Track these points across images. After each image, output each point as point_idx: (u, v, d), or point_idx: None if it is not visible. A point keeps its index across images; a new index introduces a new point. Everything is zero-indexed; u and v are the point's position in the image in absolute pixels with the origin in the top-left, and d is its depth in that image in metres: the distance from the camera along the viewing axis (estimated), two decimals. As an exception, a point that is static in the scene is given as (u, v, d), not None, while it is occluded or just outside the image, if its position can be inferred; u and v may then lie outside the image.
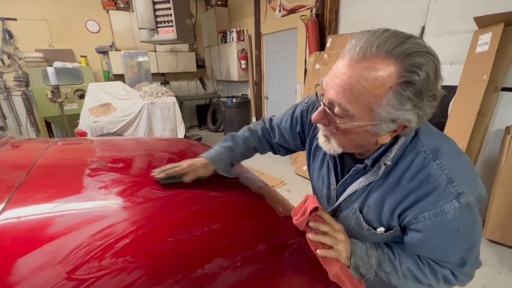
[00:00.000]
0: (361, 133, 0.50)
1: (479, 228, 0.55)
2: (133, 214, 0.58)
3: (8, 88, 4.30)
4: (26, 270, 0.42)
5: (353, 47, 0.44)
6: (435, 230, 0.52)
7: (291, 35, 4.16)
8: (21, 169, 0.73)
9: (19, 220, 0.54)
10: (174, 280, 0.45)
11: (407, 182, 0.53)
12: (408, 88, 0.42)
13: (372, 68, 0.42)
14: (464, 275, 0.59)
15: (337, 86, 0.46)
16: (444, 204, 0.49)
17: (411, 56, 0.41)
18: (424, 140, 0.54)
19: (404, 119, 0.45)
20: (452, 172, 0.49)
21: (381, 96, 0.43)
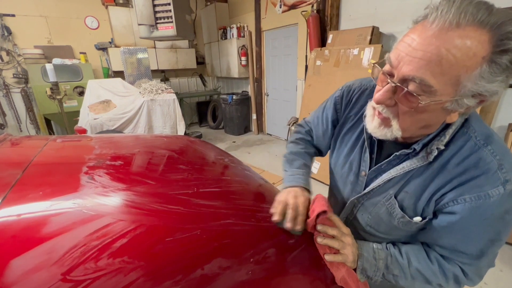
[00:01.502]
0: (436, 111, 0.46)
1: (510, 224, 0.51)
2: (131, 213, 0.57)
3: (7, 85, 4.28)
4: (20, 272, 0.41)
5: (441, 15, 0.40)
6: (471, 214, 0.50)
7: (292, 31, 4.12)
8: (17, 167, 0.72)
9: (13, 219, 0.52)
10: (173, 281, 0.44)
11: (454, 166, 0.51)
12: (504, 56, 0.39)
13: (466, 37, 0.39)
14: (476, 273, 0.56)
15: (419, 59, 0.42)
16: (490, 189, 0.48)
17: (504, 25, 0.39)
18: (476, 126, 0.52)
19: (491, 92, 0.42)
20: (503, 159, 0.48)
21: (473, 68, 0.40)
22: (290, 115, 4.32)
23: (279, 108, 4.85)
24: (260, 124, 5.33)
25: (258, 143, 4.83)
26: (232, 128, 5.35)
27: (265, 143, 4.81)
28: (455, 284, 0.57)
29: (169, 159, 0.91)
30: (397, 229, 0.63)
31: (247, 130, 5.53)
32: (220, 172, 0.91)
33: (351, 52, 2.93)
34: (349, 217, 0.74)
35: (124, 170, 0.77)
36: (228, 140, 5.03)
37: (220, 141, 4.98)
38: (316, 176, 3.17)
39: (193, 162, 0.92)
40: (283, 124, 4.61)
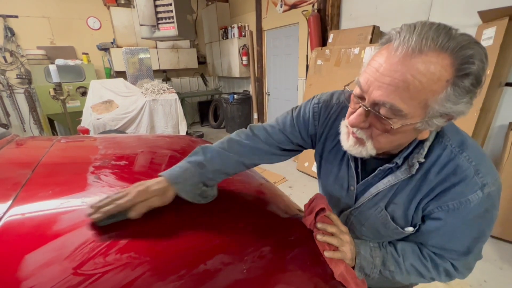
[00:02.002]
0: (408, 132, 0.49)
1: (492, 220, 0.55)
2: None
3: (11, 85, 4.32)
4: (34, 266, 0.43)
5: (404, 41, 0.42)
6: (455, 218, 0.54)
7: (292, 31, 4.12)
8: (26, 167, 0.74)
9: (26, 216, 0.55)
10: (177, 275, 0.46)
11: (434, 175, 0.54)
12: (466, 80, 0.41)
13: (429, 62, 0.41)
14: (465, 266, 0.61)
15: (387, 85, 0.44)
16: (470, 194, 0.51)
17: (464, 49, 0.40)
18: (450, 134, 0.55)
19: (458, 112, 0.45)
20: (478, 164, 0.51)
21: (439, 91, 0.42)
22: (291, 114, 4.34)
23: (280, 108, 4.87)
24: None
25: (260, 142, 4.84)
26: (234, 128, 5.37)
27: (266, 142, 4.82)
28: (447, 277, 0.62)
29: (171, 159, 0.93)
30: (391, 237, 0.67)
31: (249, 130, 5.55)
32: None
33: (351, 51, 2.94)
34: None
35: (129, 169, 0.79)
36: (229, 140, 5.05)
37: (221, 141, 5.01)
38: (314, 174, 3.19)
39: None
40: (284, 123, 4.62)
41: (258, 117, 5.27)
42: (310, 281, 0.62)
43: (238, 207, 0.72)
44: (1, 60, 4.19)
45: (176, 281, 0.46)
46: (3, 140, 0.96)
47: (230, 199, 0.73)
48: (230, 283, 0.50)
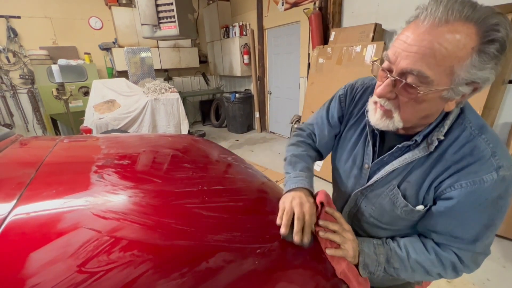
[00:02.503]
0: (434, 100, 0.50)
1: (503, 209, 0.54)
2: (138, 210, 0.60)
3: (14, 86, 4.36)
4: (39, 264, 0.44)
5: (430, 13, 0.45)
6: (467, 198, 0.53)
7: (294, 29, 4.11)
8: (30, 167, 0.75)
9: (30, 215, 0.56)
10: (179, 273, 0.47)
11: (451, 155, 0.55)
12: (492, 46, 0.43)
13: (455, 31, 0.43)
14: (472, 260, 0.58)
15: (415, 53, 0.46)
16: (484, 174, 0.51)
17: (488, 18, 0.43)
18: (471, 117, 0.56)
19: (483, 79, 0.46)
20: (496, 147, 0.52)
21: (465, 58, 0.44)
22: (293, 113, 4.34)
23: (282, 106, 4.86)
24: (263, 122, 5.35)
25: (261, 141, 4.85)
26: (235, 127, 5.38)
27: (268, 141, 4.83)
28: (453, 272, 0.59)
29: (173, 158, 0.94)
30: (400, 219, 0.65)
31: (250, 128, 5.56)
32: (223, 170, 0.93)
33: (353, 49, 2.93)
34: (352, 210, 0.75)
35: (131, 169, 0.80)
36: (231, 139, 5.07)
37: (223, 140, 5.02)
38: (318, 174, 3.19)
39: (197, 161, 0.95)
40: (286, 122, 4.62)
41: (259, 116, 5.27)
42: (311, 279, 0.63)
43: (240, 205, 0.72)
44: (4, 60, 4.22)
45: (178, 279, 0.47)
46: (7, 140, 0.97)
47: (232, 198, 0.74)
48: (232, 281, 0.51)
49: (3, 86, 4.29)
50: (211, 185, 0.75)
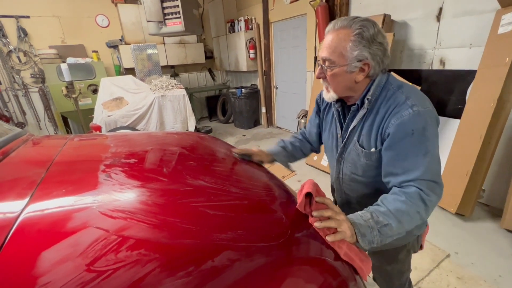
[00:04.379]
0: (342, 74, 0.77)
1: (432, 138, 0.72)
2: (146, 208, 0.60)
3: (26, 85, 4.46)
4: (50, 262, 0.45)
5: (330, 26, 0.78)
6: (397, 130, 0.73)
7: (300, 22, 4.04)
8: (41, 166, 0.77)
9: (41, 214, 0.57)
10: (185, 272, 0.48)
11: (382, 108, 0.78)
12: (358, 36, 0.72)
13: (340, 33, 0.75)
14: (429, 188, 0.71)
15: (325, 47, 0.78)
16: (403, 111, 0.72)
17: (357, 23, 0.73)
18: (392, 81, 0.80)
19: (362, 56, 0.74)
20: (409, 95, 0.75)
21: (346, 46, 0.74)
22: (300, 107, 4.30)
23: (288, 101, 4.83)
24: (270, 117, 5.33)
25: (268, 136, 4.84)
26: (242, 122, 5.38)
27: (274, 136, 4.81)
28: (423, 204, 0.71)
29: (179, 156, 0.95)
30: (366, 166, 0.84)
31: (257, 124, 5.55)
32: (229, 168, 0.93)
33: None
34: (339, 175, 0.96)
35: (138, 167, 0.81)
36: (238, 134, 5.07)
37: (230, 135, 5.03)
38: (325, 169, 3.17)
39: (203, 159, 0.96)
40: (292, 117, 4.59)
41: (266, 111, 5.24)
42: (318, 276, 0.63)
43: (245, 204, 0.72)
44: (15, 60, 4.32)
45: (185, 277, 0.47)
46: (19, 139, 0.99)
47: (238, 196, 0.74)
48: (237, 279, 0.51)
49: (15, 85, 4.40)
50: (217, 183, 0.76)
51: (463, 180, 2.15)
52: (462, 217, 2.22)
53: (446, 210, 2.30)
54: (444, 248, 1.91)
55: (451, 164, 2.28)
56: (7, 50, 4.24)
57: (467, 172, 2.12)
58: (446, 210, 2.30)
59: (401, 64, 2.86)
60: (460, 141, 2.22)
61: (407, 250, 0.97)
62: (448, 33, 2.45)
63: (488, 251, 1.86)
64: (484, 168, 2.11)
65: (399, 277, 1.04)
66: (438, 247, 1.92)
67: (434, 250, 1.90)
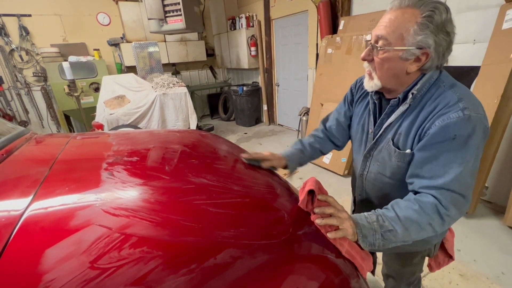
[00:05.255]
0: (395, 60, 0.68)
1: (475, 149, 0.64)
2: (148, 206, 0.61)
3: (28, 83, 4.48)
4: (54, 260, 0.46)
5: (393, 4, 0.68)
6: (438, 132, 0.65)
7: (302, 19, 4.02)
8: (44, 164, 0.78)
9: (45, 212, 0.58)
10: (188, 269, 0.48)
11: (428, 106, 0.69)
12: (427, 19, 0.63)
13: (405, 12, 0.65)
14: (451, 201, 0.65)
15: (382, 26, 0.69)
16: (451, 113, 0.64)
17: (429, 4, 0.63)
18: (444, 78, 0.71)
19: (425, 43, 0.64)
20: (463, 96, 0.66)
21: (410, 28, 0.64)
22: (302, 105, 4.28)
23: (290, 98, 4.81)
24: (271, 115, 5.32)
25: (270, 134, 4.84)
26: (243, 120, 5.37)
27: (276, 134, 4.81)
28: (438, 216, 0.65)
29: (181, 154, 0.95)
30: (397, 167, 0.77)
31: (258, 121, 5.54)
32: (230, 166, 0.93)
33: (364, 38, 2.84)
34: (364, 172, 0.90)
35: (140, 165, 0.81)
36: (239, 132, 5.07)
37: (231, 133, 5.03)
38: (327, 166, 3.16)
39: (205, 157, 0.96)
40: (294, 114, 4.57)
41: (267, 108, 5.23)
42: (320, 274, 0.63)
43: (247, 201, 0.72)
44: (18, 59, 4.33)
45: (187, 275, 0.48)
46: (22, 138, 1.00)
47: (240, 194, 0.74)
48: (239, 277, 0.52)
49: (18, 84, 4.42)
50: (219, 181, 0.76)
51: (466, 177, 2.13)
52: (465, 214, 2.22)
53: (448, 208, 2.29)
54: (447, 245, 1.90)
55: (454, 161, 2.26)
56: (9, 49, 4.25)
57: (470, 169, 2.11)
58: (448, 208, 2.29)
59: (403, 61, 2.84)
60: (463, 138, 2.20)
61: (422, 256, 0.95)
62: (451, 29, 2.42)
63: (490, 248, 1.86)
64: (487, 165, 2.10)
65: (410, 276, 1.05)
66: (441, 244, 1.92)
67: (436, 247, 1.89)
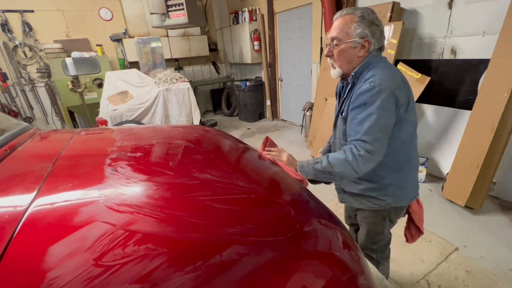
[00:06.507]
0: (347, 50, 0.95)
1: (381, 110, 0.88)
2: (153, 203, 0.60)
3: (32, 79, 4.50)
4: (58, 257, 0.45)
5: (337, 13, 0.97)
6: (355, 100, 0.93)
7: (305, 12, 3.95)
8: (48, 160, 0.77)
9: (49, 208, 0.57)
10: (193, 266, 0.47)
11: (359, 82, 0.95)
12: (361, 18, 0.92)
13: (346, 17, 0.94)
14: (362, 146, 0.90)
15: (333, 29, 0.97)
16: (364, 86, 0.91)
17: (359, 10, 0.93)
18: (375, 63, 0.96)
19: (364, 34, 0.92)
20: (376, 73, 0.91)
21: (350, 26, 0.93)
22: (305, 100, 4.24)
23: (293, 93, 4.77)
24: (275, 110, 5.28)
25: (273, 129, 4.81)
26: (247, 115, 5.35)
27: (279, 129, 4.79)
28: (352, 155, 0.91)
29: (185, 150, 0.94)
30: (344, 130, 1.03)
31: (262, 117, 5.51)
32: (235, 161, 0.92)
33: (369, 31, 2.78)
34: (334, 139, 1.17)
35: (144, 161, 0.80)
36: (242, 127, 5.05)
37: (235, 128, 5.02)
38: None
39: (209, 152, 0.95)
40: (298, 109, 4.54)
41: (271, 103, 5.20)
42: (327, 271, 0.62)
43: (252, 197, 0.71)
44: (21, 55, 4.35)
45: (193, 272, 0.47)
46: (26, 134, 1.00)
47: (245, 190, 0.73)
48: (246, 274, 0.51)
49: (22, 80, 4.44)
50: (223, 177, 0.75)
51: (473, 173, 2.10)
52: (471, 210, 2.19)
53: (455, 203, 2.27)
54: (453, 241, 1.89)
55: (460, 156, 2.23)
56: (13, 45, 4.26)
57: (477, 164, 2.08)
58: (455, 203, 2.27)
59: (410, 54, 2.78)
60: (470, 133, 2.16)
61: (383, 216, 1.13)
62: (460, 20, 2.36)
63: (498, 245, 1.84)
64: (495, 160, 2.06)
65: (372, 236, 1.21)
66: (447, 240, 1.90)
67: (442, 243, 1.88)
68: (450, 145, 2.59)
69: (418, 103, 2.66)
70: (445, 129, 2.64)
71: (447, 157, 2.62)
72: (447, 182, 2.34)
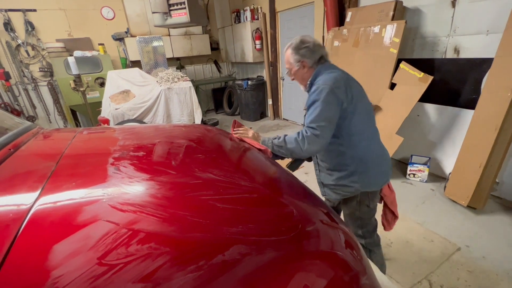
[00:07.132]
0: (297, 73, 1.25)
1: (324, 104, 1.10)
2: (155, 202, 0.60)
3: (35, 78, 4.52)
4: (62, 255, 0.45)
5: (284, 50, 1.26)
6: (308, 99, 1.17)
7: (307, 11, 3.94)
8: (51, 159, 0.77)
9: (52, 207, 0.58)
10: (196, 266, 0.47)
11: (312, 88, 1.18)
12: (293, 49, 1.21)
13: (287, 52, 1.24)
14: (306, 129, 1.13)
15: (286, 62, 1.27)
16: (313, 88, 1.16)
17: (291, 42, 1.22)
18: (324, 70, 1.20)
19: (298, 58, 1.21)
20: (321, 78, 1.16)
21: (290, 56, 1.23)
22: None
23: (295, 93, 4.76)
24: (276, 109, 5.28)
25: (275, 128, 4.81)
26: (248, 114, 5.34)
27: (281, 128, 4.78)
28: (301, 135, 1.13)
29: (187, 149, 0.94)
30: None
31: (263, 116, 5.51)
32: (237, 161, 0.92)
33: (371, 30, 2.77)
34: None
35: (147, 160, 0.80)
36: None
37: (236, 128, 5.01)
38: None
39: (211, 152, 0.95)
40: (299, 108, 4.53)
41: (272, 102, 5.19)
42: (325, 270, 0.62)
43: (254, 197, 0.71)
44: (24, 54, 4.36)
45: (195, 271, 0.47)
46: (29, 133, 1.00)
47: (247, 189, 0.73)
48: (248, 273, 0.51)
49: (25, 79, 4.46)
50: (226, 176, 0.75)
51: (476, 173, 2.09)
52: (474, 210, 2.18)
53: (457, 203, 2.26)
54: (455, 241, 1.88)
55: (463, 156, 2.22)
56: (16, 44, 4.28)
57: (480, 164, 2.07)
58: (457, 203, 2.26)
59: (412, 53, 2.77)
60: (473, 133, 2.15)
61: (357, 201, 1.30)
62: (463, 19, 2.34)
63: (500, 245, 1.83)
64: (498, 160, 2.05)
65: (354, 221, 1.36)
66: (449, 240, 1.89)
67: (444, 243, 1.87)
68: (453, 144, 2.58)
69: (420, 102, 2.65)
70: (448, 128, 2.62)
71: (450, 157, 2.61)
72: (450, 181, 2.33)
